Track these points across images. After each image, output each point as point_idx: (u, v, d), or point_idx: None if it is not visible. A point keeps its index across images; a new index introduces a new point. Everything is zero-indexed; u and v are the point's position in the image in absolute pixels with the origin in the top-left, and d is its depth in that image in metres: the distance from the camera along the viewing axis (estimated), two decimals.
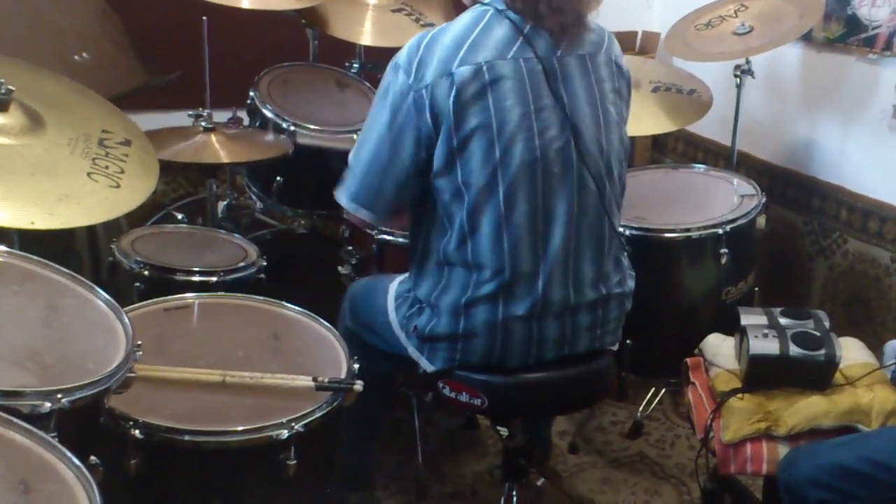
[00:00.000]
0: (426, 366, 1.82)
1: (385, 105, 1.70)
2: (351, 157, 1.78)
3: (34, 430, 1.17)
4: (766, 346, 1.87)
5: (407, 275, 1.89)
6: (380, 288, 1.96)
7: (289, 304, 1.93)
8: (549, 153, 1.69)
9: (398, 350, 1.88)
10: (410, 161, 1.69)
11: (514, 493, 1.98)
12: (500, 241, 1.69)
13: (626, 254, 1.86)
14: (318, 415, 1.60)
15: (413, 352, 1.84)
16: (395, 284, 1.92)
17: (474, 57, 1.65)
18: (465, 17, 1.71)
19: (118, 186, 1.65)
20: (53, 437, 1.18)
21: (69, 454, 1.15)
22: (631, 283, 1.87)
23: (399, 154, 1.69)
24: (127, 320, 1.51)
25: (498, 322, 1.73)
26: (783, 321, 1.94)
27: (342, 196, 1.79)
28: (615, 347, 1.90)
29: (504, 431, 1.92)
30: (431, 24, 2.82)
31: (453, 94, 1.63)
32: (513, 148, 1.66)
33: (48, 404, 1.24)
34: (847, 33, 2.83)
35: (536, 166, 1.68)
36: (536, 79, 1.68)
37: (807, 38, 2.94)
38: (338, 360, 1.77)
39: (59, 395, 1.26)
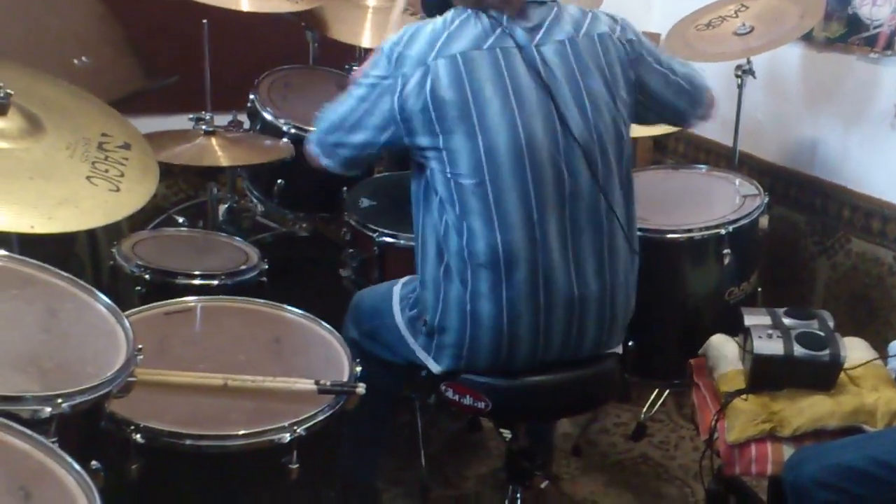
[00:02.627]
0: (433, 367, 1.81)
1: (368, 76, 1.75)
2: (327, 107, 1.82)
3: (34, 435, 1.16)
4: (770, 346, 1.86)
5: (410, 277, 1.88)
6: (383, 293, 1.96)
7: (290, 308, 1.92)
8: (535, 141, 1.69)
9: (404, 355, 1.87)
10: (380, 125, 1.73)
11: (518, 495, 1.97)
12: (492, 231, 1.69)
13: (630, 239, 1.82)
14: (320, 418, 1.60)
15: (420, 352, 1.83)
16: (399, 287, 1.92)
17: (449, 49, 1.68)
18: (447, 14, 1.76)
19: (118, 190, 1.64)
20: (54, 443, 1.16)
21: (69, 459, 1.14)
22: (635, 271, 1.85)
23: (371, 116, 1.74)
24: (127, 324, 1.50)
25: (503, 312, 1.72)
26: (787, 321, 1.93)
27: (310, 141, 1.85)
28: (619, 350, 1.89)
29: (507, 434, 1.92)
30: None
31: (429, 85, 1.66)
32: (497, 138, 1.67)
33: (48, 409, 1.23)
34: (848, 33, 2.82)
35: (522, 154, 1.68)
36: (515, 69, 1.69)
37: (807, 38, 2.93)
38: (340, 363, 1.76)
39: (60, 400, 1.25)
